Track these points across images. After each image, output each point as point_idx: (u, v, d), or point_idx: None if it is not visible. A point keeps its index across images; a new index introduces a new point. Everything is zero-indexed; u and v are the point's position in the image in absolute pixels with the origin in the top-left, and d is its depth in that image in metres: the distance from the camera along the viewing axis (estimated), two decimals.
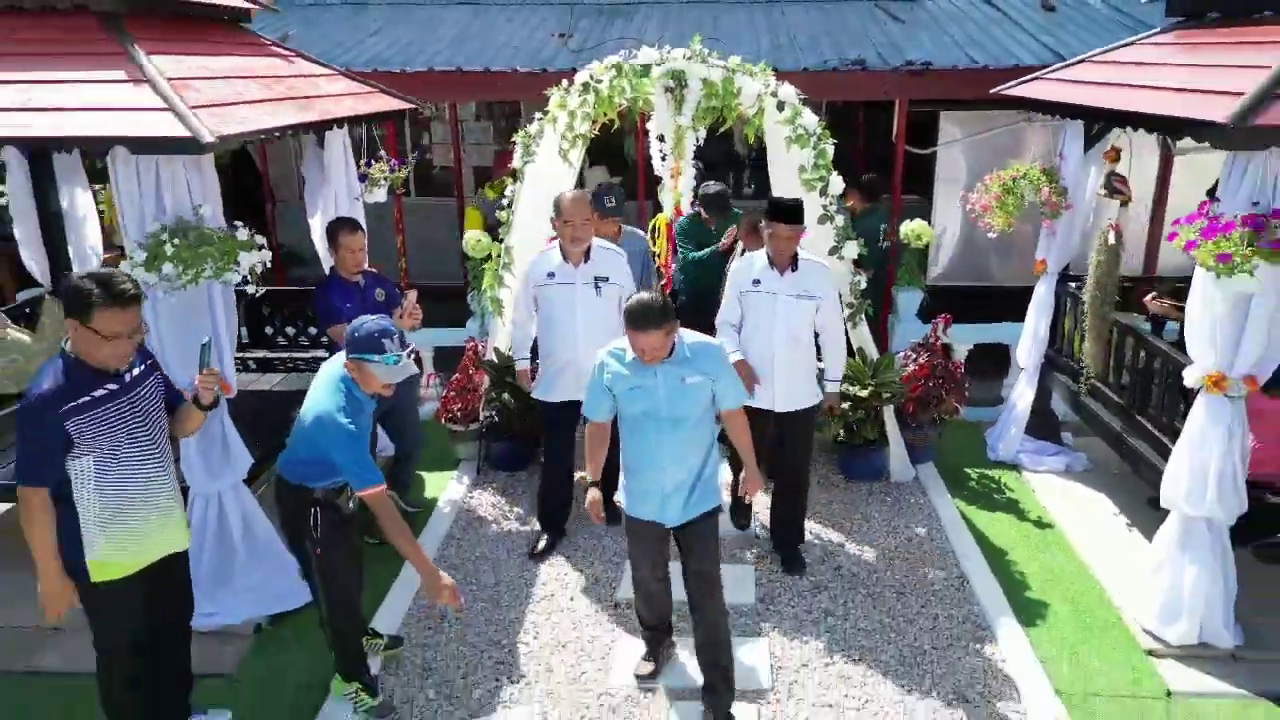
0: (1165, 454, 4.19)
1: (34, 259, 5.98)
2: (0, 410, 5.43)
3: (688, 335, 3.42)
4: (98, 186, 9.77)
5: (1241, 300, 3.58)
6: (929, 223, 6.33)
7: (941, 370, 5.61)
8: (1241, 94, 3.35)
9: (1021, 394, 5.79)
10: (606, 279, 4.66)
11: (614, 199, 5.18)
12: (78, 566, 3.06)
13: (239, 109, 3.99)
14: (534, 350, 5.05)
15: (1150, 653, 4.02)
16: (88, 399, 3.00)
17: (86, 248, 6.19)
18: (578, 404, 4.68)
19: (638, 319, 3.18)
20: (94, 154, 3.85)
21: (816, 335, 4.59)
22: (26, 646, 4.15)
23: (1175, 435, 4.09)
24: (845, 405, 5.45)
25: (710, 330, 4.30)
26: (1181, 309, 3.96)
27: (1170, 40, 4.75)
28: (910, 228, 6.15)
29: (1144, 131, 4.19)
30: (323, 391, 3.32)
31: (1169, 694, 3.79)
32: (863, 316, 5.46)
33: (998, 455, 5.87)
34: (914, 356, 5.66)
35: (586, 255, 4.65)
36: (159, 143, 3.56)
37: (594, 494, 3.57)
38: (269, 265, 4.09)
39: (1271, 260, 3.34)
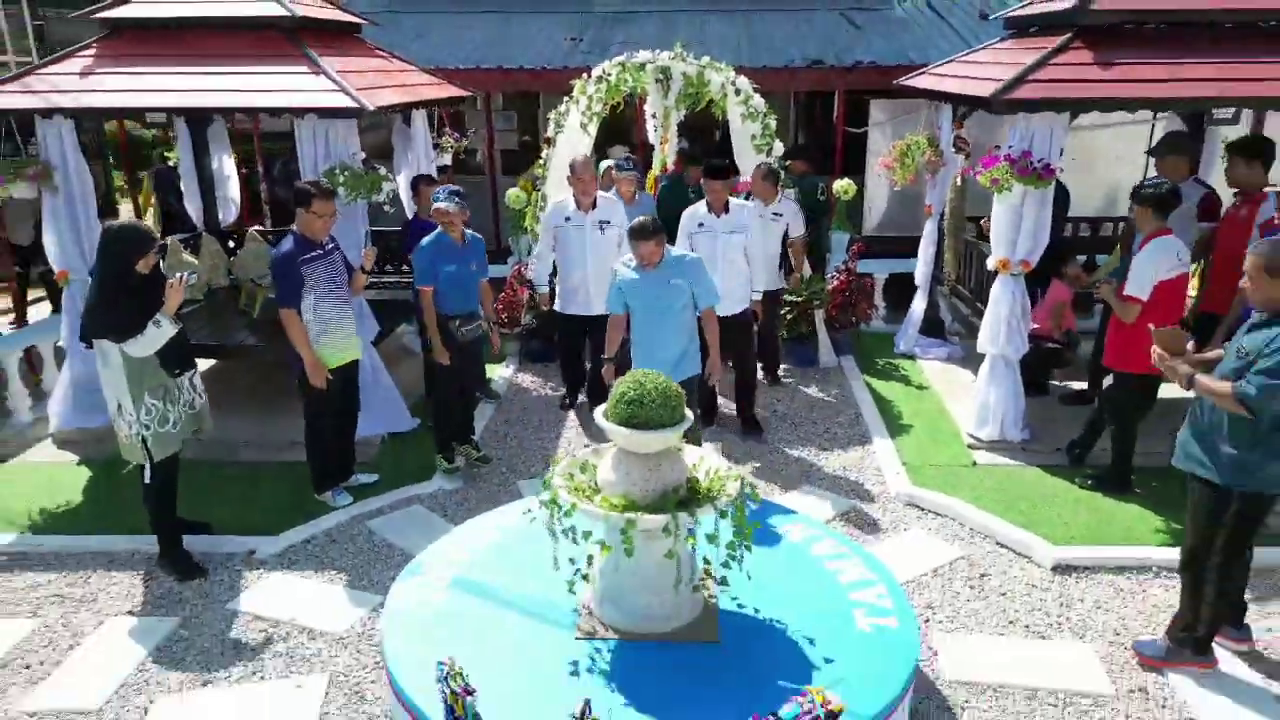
0: None
1: (193, 208, 8.17)
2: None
3: (675, 250, 5.18)
4: (142, 174, 11.87)
5: (1014, 210, 5.70)
6: (863, 187, 8.44)
7: (856, 285, 7.75)
8: (1005, 81, 5.47)
9: (917, 303, 7.93)
10: (608, 222, 6.50)
11: (630, 163, 7.27)
12: (306, 354, 5.20)
13: (378, 91, 6.13)
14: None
15: (969, 446, 6.15)
16: (308, 257, 5.14)
17: (228, 198, 8.40)
18: (584, 318, 6.66)
19: (635, 232, 4.81)
20: (294, 118, 5.91)
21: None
22: (230, 449, 6.27)
23: None
24: (785, 309, 7.60)
25: None
26: None
27: (1005, 46, 6.85)
28: (840, 184, 8.28)
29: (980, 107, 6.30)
30: None
31: (974, 464, 5.93)
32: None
33: (900, 349, 8.00)
34: (836, 275, 7.80)
35: (594, 204, 6.51)
36: (339, 111, 5.68)
37: (609, 367, 5.22)
38: (396, 193, 6.21)
39: (1022, 182, 5.46)
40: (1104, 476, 5.53)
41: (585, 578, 3.73)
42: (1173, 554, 4.32)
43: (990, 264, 5.98)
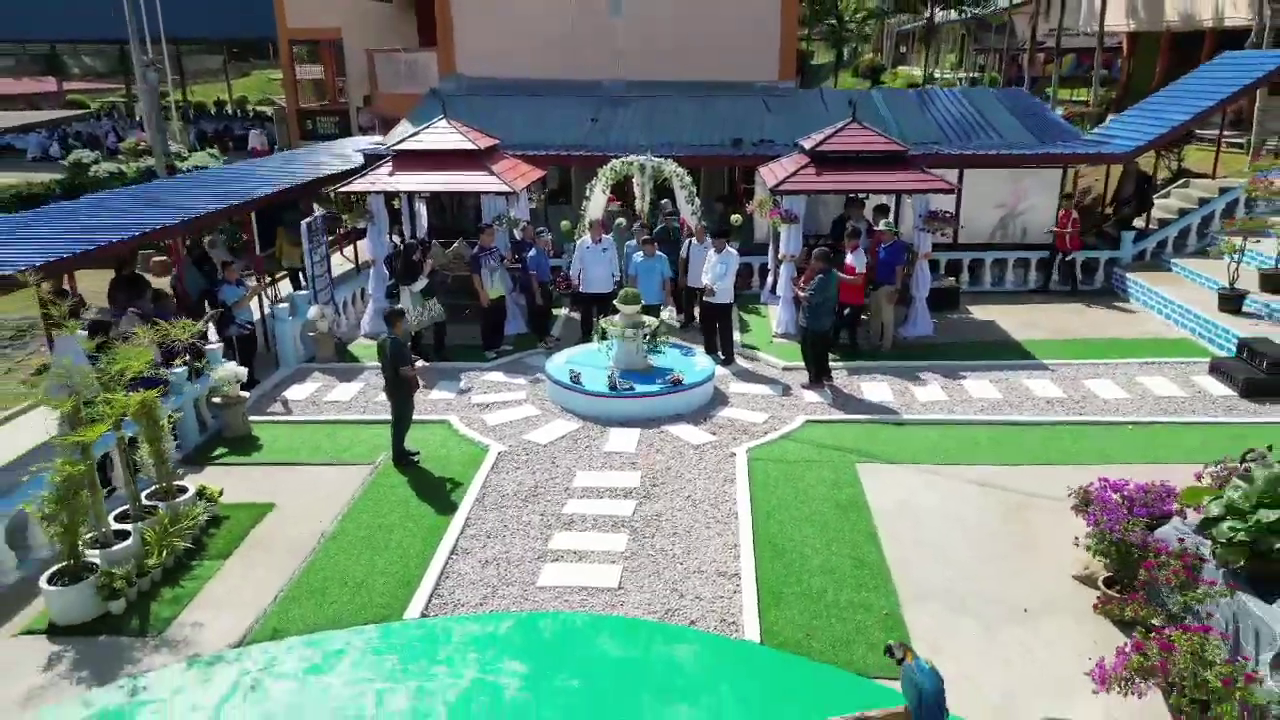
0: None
1: (409, 230, 16.14)
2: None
3: (658, 252, 13.30)
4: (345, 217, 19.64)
5: (786, 233, 13.61)
6: (752, 223, 16.35)
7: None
8: (781, 177, 13.38)
9: (770, 279, 15.85)
10: (606, 248, 14.31)
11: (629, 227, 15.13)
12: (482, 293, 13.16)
13: (516, 179, 14.05)
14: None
15: (774, 336, 14.07)
16: (483, 253, 13.13)
17: (419, 228, 16.46)
18: (593, 294, 14.29)
19: (647, 242, 13.15)
20: (476, 195, 13.80)
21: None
22: (456, 339, 14.14)
23: None
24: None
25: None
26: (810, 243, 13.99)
27: (792, 158, 14.69)
28: (733, 217, 16.14)
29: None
30: None
31: (773, 341, 13.86)
32: None
33: (762, 301, 15.93)
34: None
35: (599, 239, 14.36)
36: (501, 193, 13.61)
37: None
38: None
39: (785, 222, 13.38)
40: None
41: (609, 348, 11.66)
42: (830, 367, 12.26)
43: (781, 257, 13.90)
